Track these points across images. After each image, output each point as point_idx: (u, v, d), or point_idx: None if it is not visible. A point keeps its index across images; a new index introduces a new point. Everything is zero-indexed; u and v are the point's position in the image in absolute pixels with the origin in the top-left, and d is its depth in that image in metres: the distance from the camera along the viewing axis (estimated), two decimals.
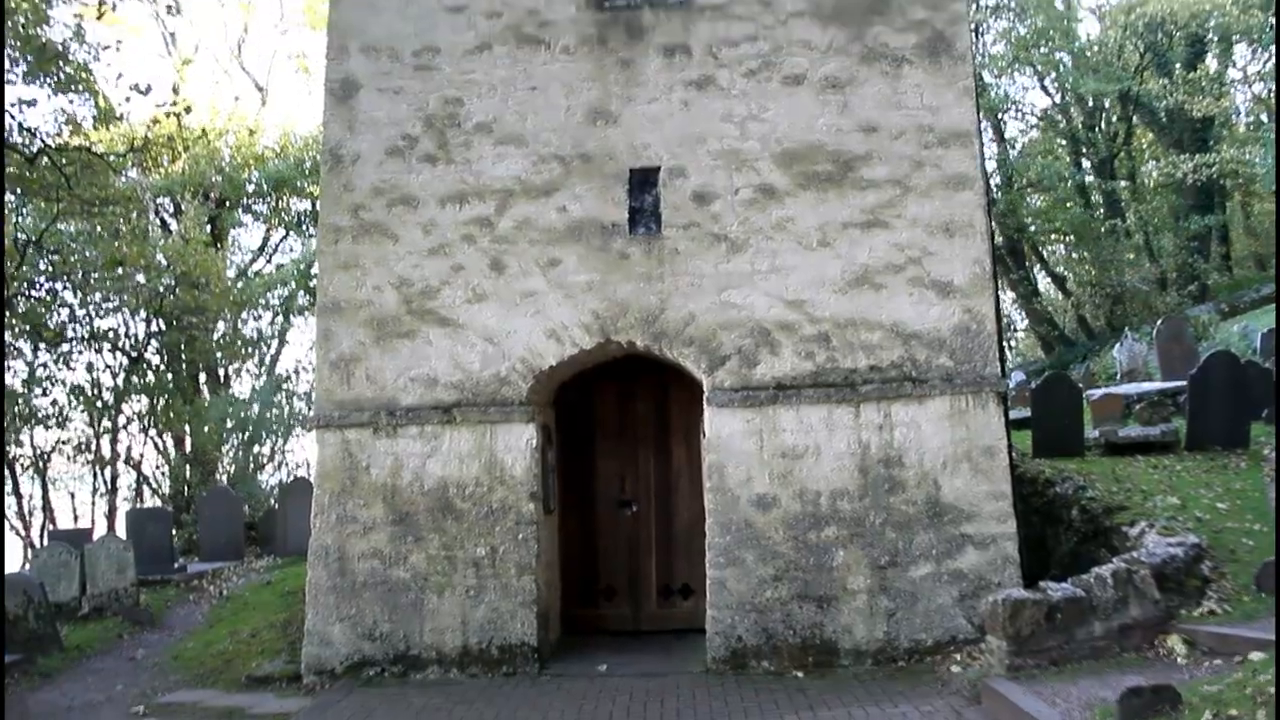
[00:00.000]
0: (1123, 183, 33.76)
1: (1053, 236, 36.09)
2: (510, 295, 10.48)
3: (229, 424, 23.56)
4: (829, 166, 10.41)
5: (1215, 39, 32.41)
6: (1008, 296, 34.53)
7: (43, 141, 17.33)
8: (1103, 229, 32.02)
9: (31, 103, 16.44)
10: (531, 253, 10.50)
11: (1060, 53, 32.72)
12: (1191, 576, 9.10)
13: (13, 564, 21.13)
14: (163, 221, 26.48)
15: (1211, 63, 33.53)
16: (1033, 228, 34.30)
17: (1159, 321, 21.85)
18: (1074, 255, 36.11)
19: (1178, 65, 31.72)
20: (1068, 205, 33.59)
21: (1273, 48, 30.25)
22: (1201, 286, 30.61)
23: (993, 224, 12.75)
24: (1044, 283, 37.70)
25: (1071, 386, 15.06)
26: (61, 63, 18.19)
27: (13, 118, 17.21)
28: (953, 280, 10.23)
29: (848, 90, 10.57)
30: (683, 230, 10.41)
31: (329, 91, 11.10)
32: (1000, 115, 34.53)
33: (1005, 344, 23.87)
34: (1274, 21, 28.37)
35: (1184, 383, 15.22)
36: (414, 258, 10.65)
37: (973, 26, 30.32)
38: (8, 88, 17.07)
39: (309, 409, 22.28)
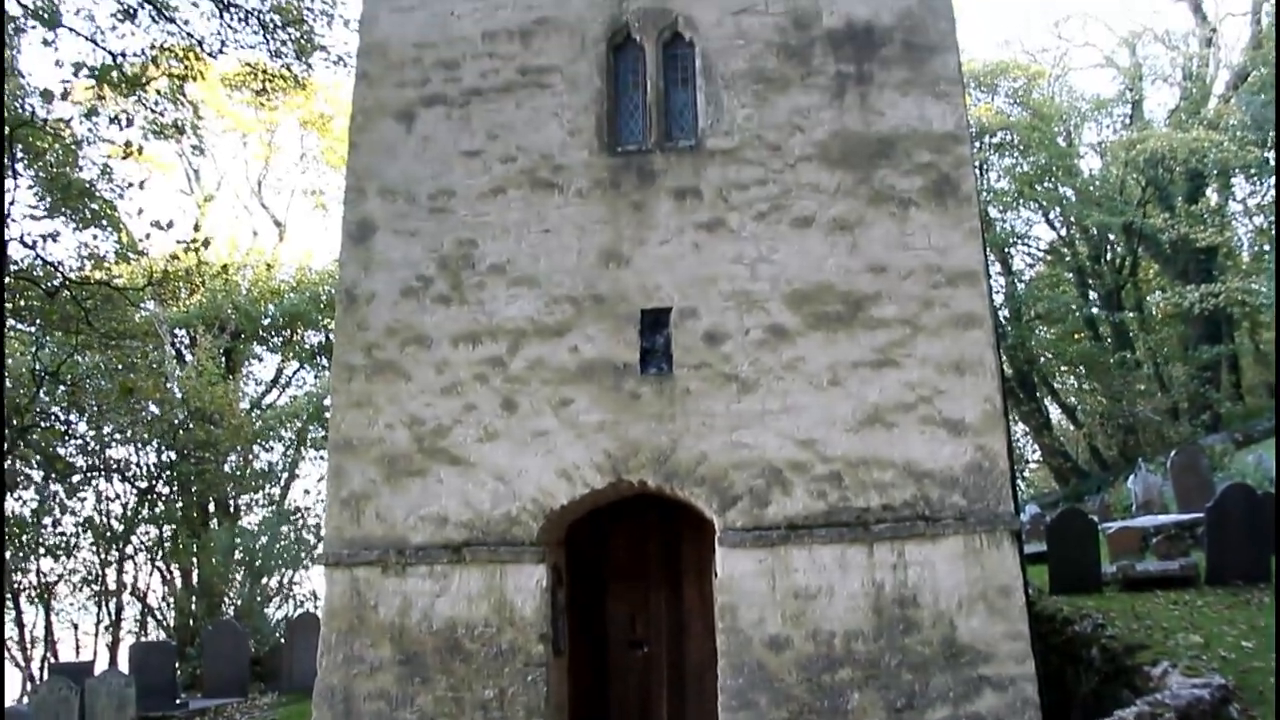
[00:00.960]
0: (1130, 313, 33.98)
1: (1063, 368, 36.17)
2: (522, 434, 10.50)
3: (237, 556, 23.42)
4: (839, 306, 10.51)
5: (1215, 173, 32.99)
6: (1019, 428, 34.45)
7: (64, 276, 17.64)
8: (1112, 360, 32.11)
9: (54, 236, 16.74)
10: (543, 392, 10.56)
11: (1064, 187, 33.32)
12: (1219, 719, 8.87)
13: (12, 695, 20.80)
14: (178, 353, 26.81)
15: (1212, 196, 34.10)
16: (1043, 359, 34.43)
17: (1172, 452, 21.72)
18: (1085, 386, 36.13)
19: (1179, 198, 32.25)
20: (1077, 337, 33.77)
21: (1272, 179, 30.76)
22: (1214, 416, 30.52)
23: (1002, 358, 12.82)
24: (1055, 414, 37.64)
25: (1086, 521, 14.92)
26: (87, 199, 18.69)
27: (35, 251, 17.59)
28: (964, 418, 10.22)
29: (856, 231, 10.74)
30: (694, 370, 10.47)
31: (346, 233, 11.32)
32: (1007, 249, 34.99)
33: (1018, 476, 23.75)
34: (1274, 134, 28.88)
35: (1201, 515, 15.06)
36: (426, 396, 10.71)
37: (977, 164, 31.00)
38: (33, 222, 17.50)
39: (317, 541, 22.16)
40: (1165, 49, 35.60)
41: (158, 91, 20.24)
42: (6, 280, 17.14)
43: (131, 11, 18.28)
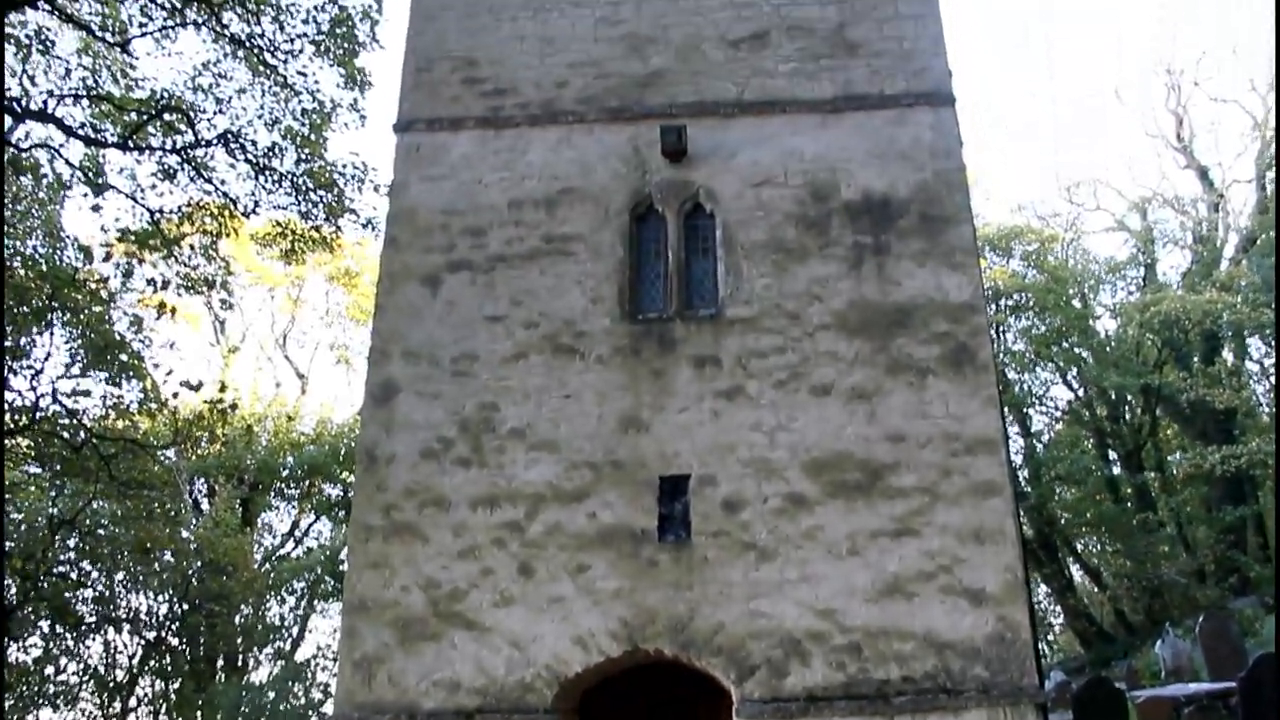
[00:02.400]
0: (1151, 474, 33.71)
1: (1085, 530, 35.70)
2: (538, 600, 10.40)
3: (244, 712, 22.95)
4: (857, 475, 10.51)
5: (1229, 334, 33.17)
6: (1041, 590, 33.85)
7: (87, 430, 17.83)
8: (1135, 521, 31.72)
9: (85, 393, 17.02)
10: (560, 558, 10.50)
11: (1081, 349, 33.51)
12: None
13: None
14: (195, 502, 26.82)
15: (1228, 356, 34.19)
16: (1064, 521, 34.03)
17: (1200, 617, 21.26)
18: (1108, 548, 35.60)
19: (1196, 359, 32.36)
20: (1098, 498, 33.44)
21: None
22: (1242, 579, 29.92)
23: (1023, 521, 12.72)
24: (1079, 576, 36.99)
25: (1114, 692, 14.58)
26: (117, 350, 19.02)
27: (63, 407, 17.84)
28: (985, 588, 10.10)
29: (875, 400, 10.82)
30: (712, 538, 10.42)
31: (369, 394, 11.46)
32: (1025, 410, 35.00)
33: (1042, 641, 23.23)
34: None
35: (1234, 684, 14.65)
36: (443, 559, 10.66)
37: (994, 325, 31.34)
38: (64, 382, 17.83)
39: (325, 699, 21.74)
40: (1175, 213, 36.29)
41: (191, 247, 20.79)
42: (33, 430, 17.39)
43: (172, 172, 18.97)
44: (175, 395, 19.78)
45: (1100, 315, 36.25)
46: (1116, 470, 34.54)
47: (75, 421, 17.74)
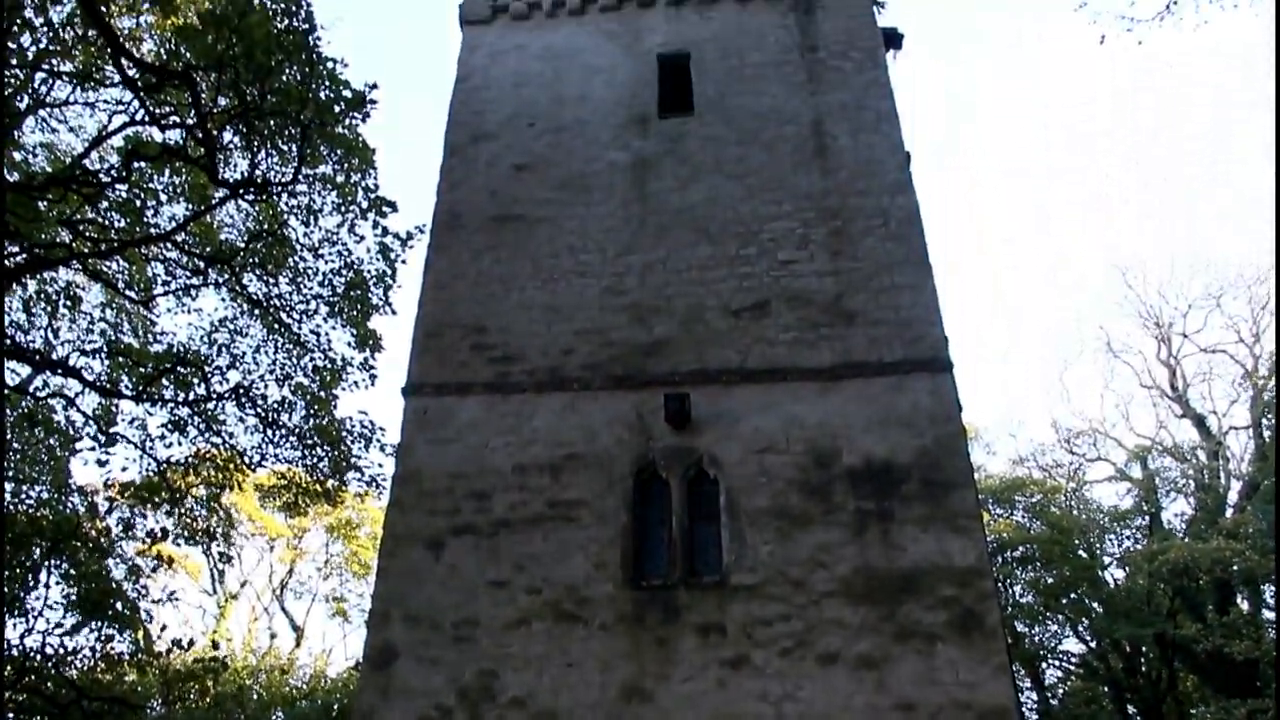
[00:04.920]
0: None
1: None
2: None
3: None
4: None
5: (1241, 581, 32.69)
6: None
7: (75, 688, 17.36)
8: None
9: (75, 652, 16.67)
10: None
11: (1090, 599, 32.98)
12: None
13: None
14: None
15: (1243, 604, 33.57)
16: None
17: None
18: None
19: (1210, 607, 31.76)
20: None
21: None
22: None
23: None
24: None
25: None
26: (112, 600, 18.73)
27: (51, 659, 17.42)
28: None
29: (882, 668, 10.59)
30: None
31: (367, 658, 11.26)
32: (1037, 663, 34.13)
33: None
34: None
35: None
36: None
37: (1000, 577, 31.04)
38: (54, 636, 17.50)
39: None
40: (1176, 461, 36.43)
41: (194, 497, 20.85)
42: (19, 686, 16.91)
43: (182, 424, 19.26)
44: (168, 651, 19.35)
45: (1108, 565, 35.87)
46: None
47: (62, 676, 17.27)
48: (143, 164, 16.59)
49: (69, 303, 19.43)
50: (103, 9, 14.14)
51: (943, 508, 11.45)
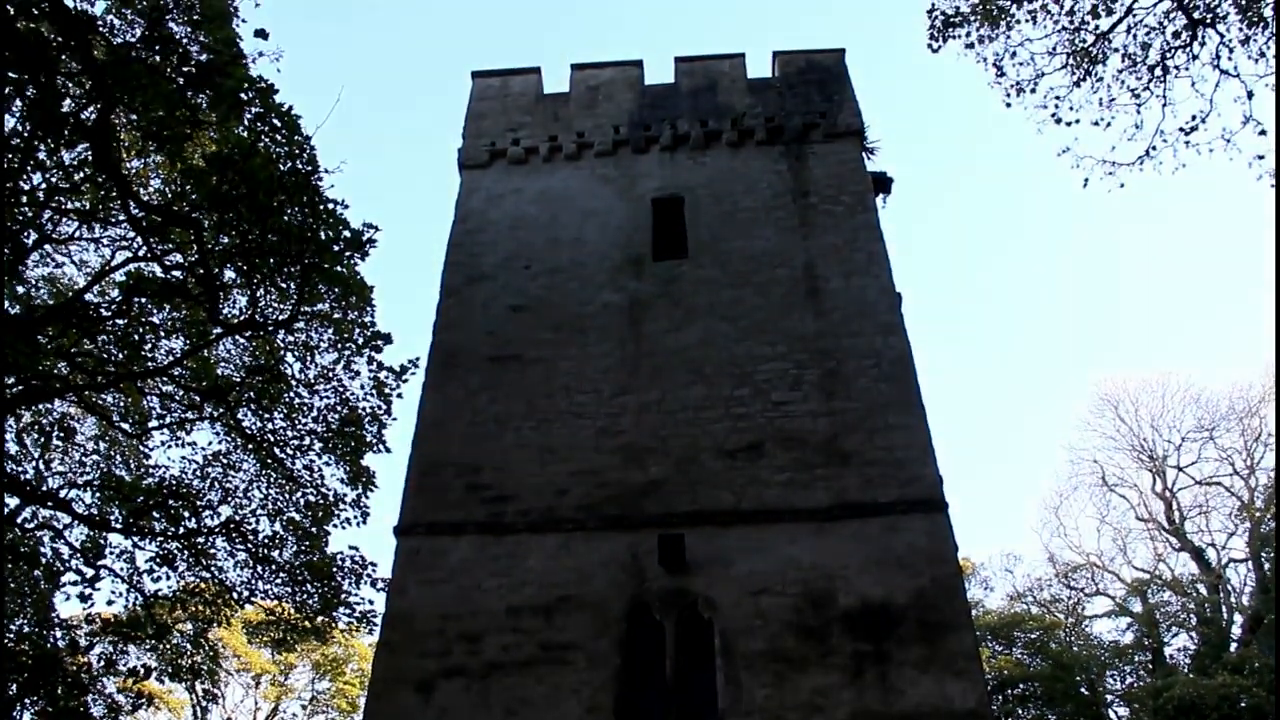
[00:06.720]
0: None
1: None
2: None
3: None
4: None
5: (1249, 718, 32.00)
6: None
7: None
8: None
9: None
10: None
11: None
12: None
13: None
14: None
15: None
16: None
17: None
18: None
19: None
20: None
21: None
22: None
23: None
24: None
25: None
26: None
27: None
28: None
29: None
30: None
31: None
32: None
33: None
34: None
35: None
36: None
37: (1002, 715, 30.41)
38: None
39: None
40: (1176, 595, 36.06)
41: (180, 632, 20.47)
42: None
43: (171, 557, 19.01)
44: None
45: (1111, 702, 35.21)
46: None
47: None
48: (143, 299, 16.72)
49: (62, 434, 19.38)
50: (114, 151, 14.42)
51: (941, 650, 11.32)
